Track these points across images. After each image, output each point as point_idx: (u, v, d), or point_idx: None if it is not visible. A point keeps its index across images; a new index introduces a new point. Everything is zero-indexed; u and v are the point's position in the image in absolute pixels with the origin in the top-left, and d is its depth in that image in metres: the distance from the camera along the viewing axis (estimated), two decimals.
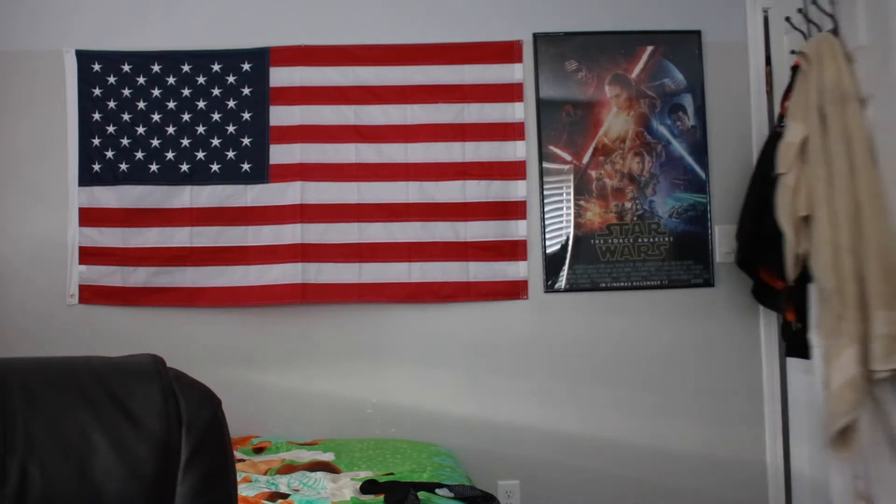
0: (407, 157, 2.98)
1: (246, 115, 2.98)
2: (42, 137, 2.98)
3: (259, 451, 2.69)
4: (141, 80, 2.97)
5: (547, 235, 3.01)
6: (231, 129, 2.98)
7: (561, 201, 3.02)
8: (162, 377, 0.77)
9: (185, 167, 2.96)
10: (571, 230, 3.01)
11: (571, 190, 3.02)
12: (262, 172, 2.97)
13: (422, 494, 2.07)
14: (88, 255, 2.94)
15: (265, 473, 2.37)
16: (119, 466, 0.70)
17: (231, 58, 2.99)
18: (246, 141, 2.97)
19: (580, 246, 3.01)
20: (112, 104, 2.97)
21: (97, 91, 2.97)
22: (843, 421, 2.20)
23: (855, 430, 2.21)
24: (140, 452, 0.72)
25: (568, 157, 3.02)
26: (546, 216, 3.01)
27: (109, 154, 2.96)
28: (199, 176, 2.96)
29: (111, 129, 2.97)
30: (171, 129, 2.97)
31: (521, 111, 3.01)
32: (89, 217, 2.95)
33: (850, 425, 2.20)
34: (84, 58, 2.97)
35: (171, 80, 2.98)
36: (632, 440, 2.95)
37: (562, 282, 3.00)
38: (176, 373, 0.80)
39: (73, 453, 0.69)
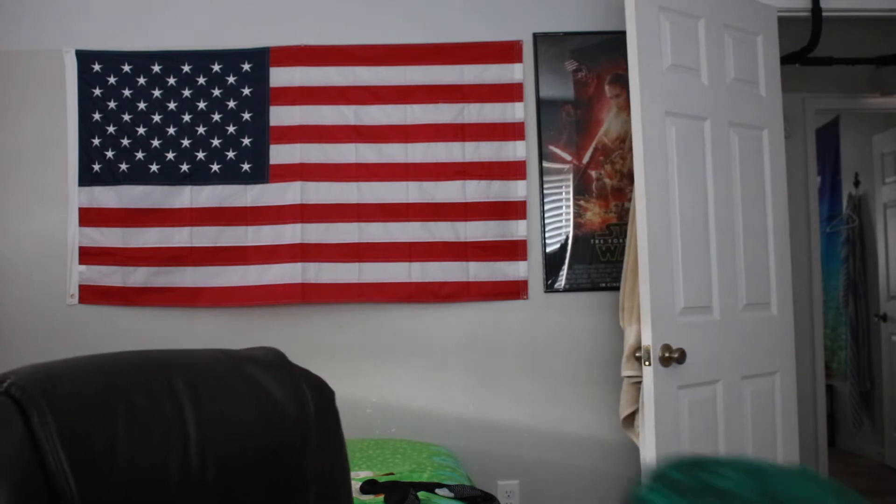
0: (407, 157, 2.98)
1: (246, 116, 2.98)
2: (42, 137, 2.98)
3: None
4: (141, 80, 2.97)
5: (547, 235, 3.01)
6: (231, 129, 2.98)
7: (561, 201, 3.02)
8: (291, 368, 0.95)
9: (185, 167, 2.96)
10: (571, 230, 3.01)
11: (571, 190, 3.02)
12: (262, 172, 2.97)
13: (422, 494, 2.07)
14: (88, 255, 2.94)
15: None
16: (268, 428, 0.85)
17: (231, 58, 2.99)
18: (246, 141, 2.97)
19: (580, 246, 3.01)
20: (112, 104, 2.97)
21: (97, 91, 2.97)
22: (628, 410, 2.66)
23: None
24: (282, 425, 0.86)
25: (568, 157, 3.02)
26: (546, 216, 3.01)
27: (109, 154, 2.96)
28: (199, 176, 2.96)
29: (111, 129, 2.97)
30: (171, 130, 2.97)
31: (521, 111, 3.01)
32: (89, 217, 2.95)
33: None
34: (84, 58, 2.97)
35: (171, 80, 2.98)
36: (633, 439, 2.95)
37: (561, 282, 3.00)
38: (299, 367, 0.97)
39: (234, 419, 0.84)
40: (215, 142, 2.97)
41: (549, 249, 3.01)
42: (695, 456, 0.58)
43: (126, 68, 2.98)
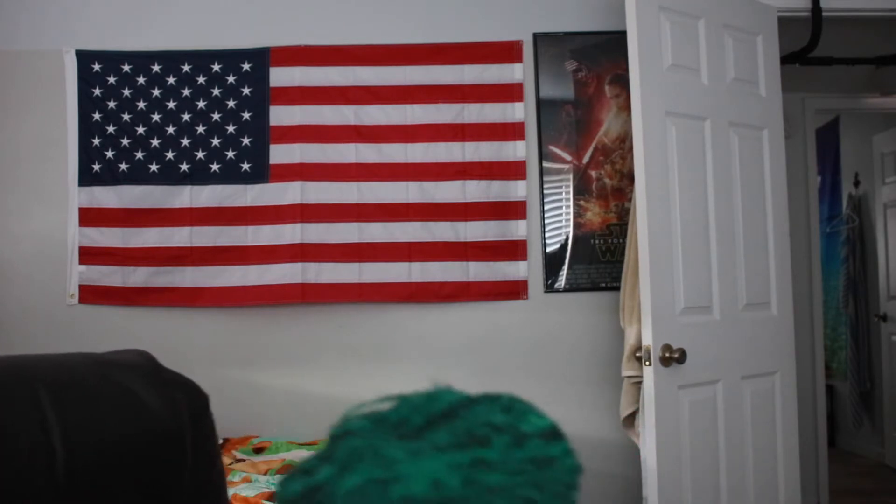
0: (407, 157, 2.98)
1: (246, 115, 2.98)
2: (42, 137, 2.98)
3: (259, 451, 2.69)
4: (141, 80, 2.97)
5: (547, 235, 3.01)
6: (231, 128, 2.98)
7: (561, 201, 3.02)
8: (162, 372, 0.85)
9: (184, 167, 2.96)
10: (571, 230, 3.01)
11: (571, 190, 3.02)
12: (262, 172, 2.97)
13: None
14: (88, 255, 2.94)
15: (265, 473, 2.37)
16: (140, 438, 0.79)
17: (231, 58, 2.99)
18: (246, 141, 2.97)
19: (580, 246, 3.01)
20: (112, 104, 2.97)
21: (97, 91, 2.97)
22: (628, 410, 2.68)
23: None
24: (155, 434, 0.80)
25: (568, 157, 3.02)
26: (546, 216, 3.01)
27: (109, 154, 2.96)
28: (199, 176, 2.96)
29: (111, 129, 2.97)
30: (170, 129, 2.97)
31: (521, 111, 3.01)
32: (89, 217, 2.95)
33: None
34: (84, 58, 2.97)
35: (171, 80, 2.98)
36: (633, 440, 2.95)
37: (561, 281, 3.00)
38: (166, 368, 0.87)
39: (103, 429, 0.78)
40: (215, 141, 2.97)
41: (549, 249, 3.01)
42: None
43: (126, 68, 2.98)
